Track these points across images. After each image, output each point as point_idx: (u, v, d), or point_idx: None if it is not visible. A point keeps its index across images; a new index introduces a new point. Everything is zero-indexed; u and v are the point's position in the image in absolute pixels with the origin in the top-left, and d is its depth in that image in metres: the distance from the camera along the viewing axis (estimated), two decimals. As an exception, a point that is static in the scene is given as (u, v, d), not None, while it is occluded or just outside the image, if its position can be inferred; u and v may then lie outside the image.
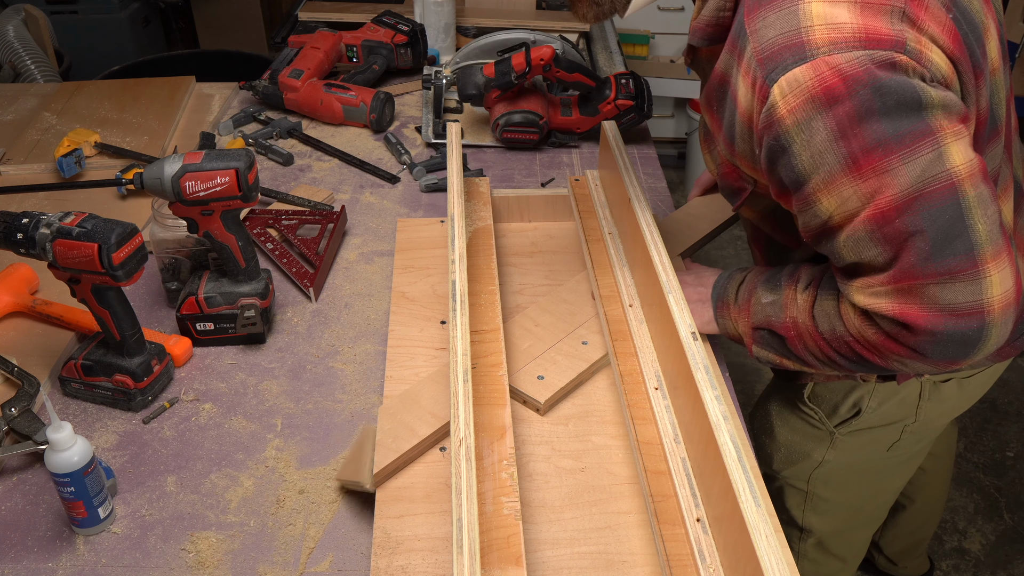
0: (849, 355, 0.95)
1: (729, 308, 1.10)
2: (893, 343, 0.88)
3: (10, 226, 1.06)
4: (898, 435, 1.28)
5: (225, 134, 1.80)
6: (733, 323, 1.10)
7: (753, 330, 1.06)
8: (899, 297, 0.85)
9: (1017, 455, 2.47)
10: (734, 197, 1.07)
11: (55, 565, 0.95)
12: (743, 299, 1.08)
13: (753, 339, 1.07)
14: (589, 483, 1.02)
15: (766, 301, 1.04)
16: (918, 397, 1.22)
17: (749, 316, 1.07)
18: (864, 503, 1.44)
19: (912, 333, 0.85)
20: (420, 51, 2.02)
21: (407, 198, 1.61)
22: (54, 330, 1.26)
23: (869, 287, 0.88)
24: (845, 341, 0.94)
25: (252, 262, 1.24)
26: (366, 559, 0.95)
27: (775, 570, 0.74)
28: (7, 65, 2.41)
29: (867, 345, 0.91)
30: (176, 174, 1.13)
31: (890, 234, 0.83)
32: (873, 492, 1.43)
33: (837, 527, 1.46)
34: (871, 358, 0.93)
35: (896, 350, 0.89)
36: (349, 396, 1.17)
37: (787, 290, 1.02)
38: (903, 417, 1.25)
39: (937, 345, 0.85)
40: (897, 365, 0.92)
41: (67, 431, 0.92)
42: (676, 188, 3.70)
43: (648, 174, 1.69)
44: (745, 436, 1.05)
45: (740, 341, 1.12)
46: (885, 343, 0.89)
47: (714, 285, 1.14)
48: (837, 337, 0.95)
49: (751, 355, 1.09)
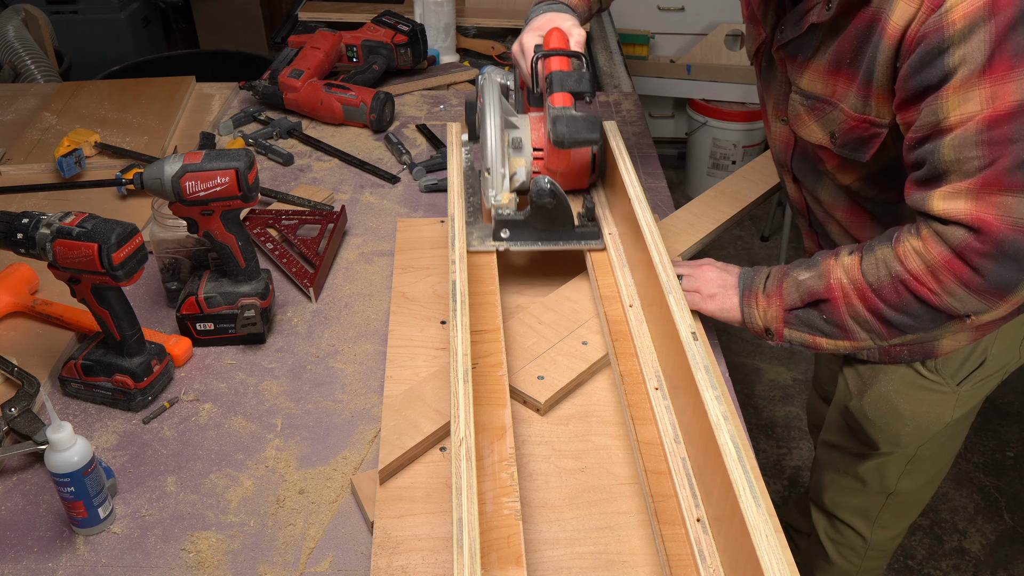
0: (899, 302, 1.01)
1: (757, 297, 1.14)
2: (957, 260, 0.95)
3: (10, 226, 1.06)
4: (1001, 379, 1.35)
5: (225, 134, 1.80)
6: (761, 312, 1.14)
7: (786, 312, 1.11)
8: (978, 202, 0.92)
9: (1017, 455, 2.47)
10: (864, 148, 1.09)
11: (55, 565, 0.95)
12: (772, 287, 1.13)
13: (785, 322, 1.12)
14: (589, 483, 1.02)
15: (803, 278, 1.09)
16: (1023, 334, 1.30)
17: (781, 299, 1.12)
18: (950, 457, 1.49)
19: (981, 242, 0.92)
20: (420, 51, 2.02)
21: (407, 198, 1.61)
22: (54, 330, 1.26)
23: (952, 192, 0.94)
24: (900, 281, 1.00)
25: (252, 262, 1.24)
26: (366, 559, 0.95)
27: (775, 570, 0.74)
28: (7, 65, 2.41)
29: (926, 275, 0.98)
30: (176, 174, 1.13)
31: (995, 137, 0.90)
32: (957, 445, 1.47)
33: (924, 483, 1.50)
34: (925, 294, 0.98)
35: (957, 269, 0.95)
36: (349, 396, 1.17)
37: (826, 261, 1.08)
38: (1007, 360, 1.32)
39: (1000, 263, 0.92)
40: (948, 299, 0.98)
41: (67, 431, 0.92)
42: (676, 188, 3.70)
43: (648, 174, 1.69)
44: (745, 436, 1.04)
45: (762, 334, 1.15)
46: (948, 262, 0.95)
47: (740, 275, 1.18)
48: (891, 281, 1.00)
49: (780, 341, 1.13)
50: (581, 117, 1.20)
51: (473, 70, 2.11)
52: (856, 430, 1.42)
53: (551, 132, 1.19)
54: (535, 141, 1.31)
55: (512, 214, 1.24)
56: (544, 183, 1.19)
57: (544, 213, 1.22)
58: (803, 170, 1.25)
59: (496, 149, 1.23)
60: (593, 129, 1.20)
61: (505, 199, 1.25)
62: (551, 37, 1.28)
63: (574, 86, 1.23)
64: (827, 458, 1.55)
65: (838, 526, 1.60)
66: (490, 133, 1.23)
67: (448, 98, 2.00)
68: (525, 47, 1.32)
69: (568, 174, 1.34)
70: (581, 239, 1.27)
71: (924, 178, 0.98)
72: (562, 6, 1.37)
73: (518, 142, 1.29)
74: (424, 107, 1.95)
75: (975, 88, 0.90)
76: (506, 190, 1.26)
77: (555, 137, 1.19)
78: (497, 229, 1.25)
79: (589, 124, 1.20)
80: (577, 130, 1.19)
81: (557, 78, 1.23)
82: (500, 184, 1.24)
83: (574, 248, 1.27)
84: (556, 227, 1.25)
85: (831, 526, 1.61)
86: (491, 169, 1.23)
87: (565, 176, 1.34)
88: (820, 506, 1.62)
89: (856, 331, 1.07)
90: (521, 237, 1.25)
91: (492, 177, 1.24)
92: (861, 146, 1.09)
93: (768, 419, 2.60)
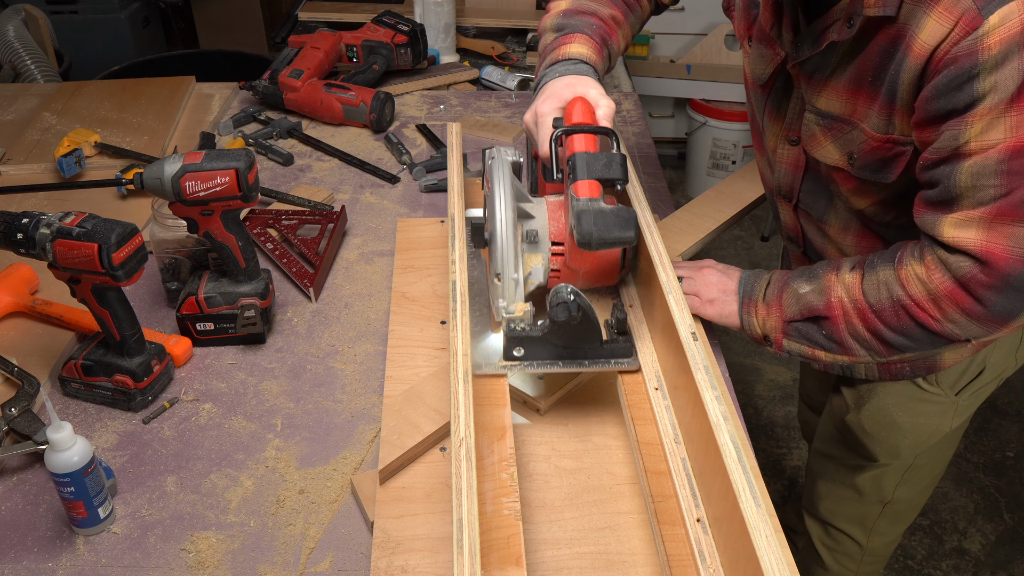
0: (899, 325, 1.00)
1: (756, 305, 1.13)
2: (960, 290, 0.94)
3: (10, 226, 1.06)
4: (996, 388, 1.35)
5: (225, 134, 1.80)
6: (761, 321, 1.13)
7: (785, 323, 1.10)
8: (990, 232, 0.91)
9: (1017, 455, 2.47)
10: (888, 168, 1.06)
11: (55, 565, 0.95)
12: (772, 296, 1.12)
13: (784, 333, 1.11)
14: (589, 483, 1.02)
15: (804, 291, 1.08)
16: (1019, 341, 1.29)
17: (781, 310, 1.10)
18: (946, 461, 1.49)
19: (986, 274, 0.92)
20: (420, 51, 2.02)
21: (407, 198, 1.61)
22: (54, 330, 1.26)
23: (963, 220, 0.93)
24: (901, 305, 0.99)
25: (252, 262, 1.24)
26: (366, 559, 0.95)
27: (775, 570, 0.74)
28: (7, 65, 2.41)
29: (927, 302, 0.97)
30: (176, 174, 1.13)
31: (1016, 168, 0.89)
32: (953, 448, 1.47)
33: (920, 490, 1.50)
34: (925, 320, 0.98)
35: (960, 299, 0.94)
36: (349, 396, 1.17)
37: (827, 276, 1.07)
38: (1005, 367, 1.31)
39: (1004, 294, 0.91)
40: (949, 326, 0.97)
41: (67, 431, 0.92)
42: (676, 188, 3.70)
43: (648, 174, 1.69)
44: (745, 436, 1.04)
45: (761, 341, 1.14)
46: (951, 291, 0.95)
47: (740, 280, 1.17)
48: (892, 304, 1.00)
49: (779, 350, 1.12)
50: (611, 212, 0.98)
51: (474, 70, 2.11)
52: (853, 443, 1.42)
53: (575, 230, 0.98)
54: (554, 233, 1.10)
55: (527, 328, 1.05)
56: (566, 294, 1.01)
57: (566, 329, 1.03)
58: (812, 194, 1.20)
59: (508, 252, 1.04)
60: (626, 226, 0.98)
61: (519, 311, 1.06)
62: (574, 109, 1.08)
63: (603, 172, 1.01)
64: (821, 468, 1.54)
65: (833, 533, 1.59)
66: (501, 231, 1.04)
67: (448, 98, 2.00)
68: (541, 118, 1.11)
69: (593, 272, 1.13)
70: (610, 358, 1.07)
71: (936, 199, 0.96)
72: (583, 66, 1.16)
73: (533, 235, 1.09)
74: (424, 107, 1.95)
75: (1002, 116, 0.88)
76: (520, 299, 1.07)
77: (580, 237, 0.97)
78: (509, 346, 1.05)
79: (621, 220, 0.98)
80: (607, 228, 0.97)
81: (582, 162, 1.02)
82: (513, 292, 1.06)
83: (602, 370, 1.08)
84: (580, 344, 1.06)
85: (826, 534, 1.61)
86: (502, 275, 1.05)
87: (590, 275, 1.14)
88: (814, 514, 1.61)
89: (855, 348, 1.07)
90: (538, 355, 1.06)
91: (503, 284, 1.05)
92: (884, 167, 1.06)
93: (768, 419, 2.60)
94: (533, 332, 1.05)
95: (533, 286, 1.09)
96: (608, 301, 1.19)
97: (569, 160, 1.03)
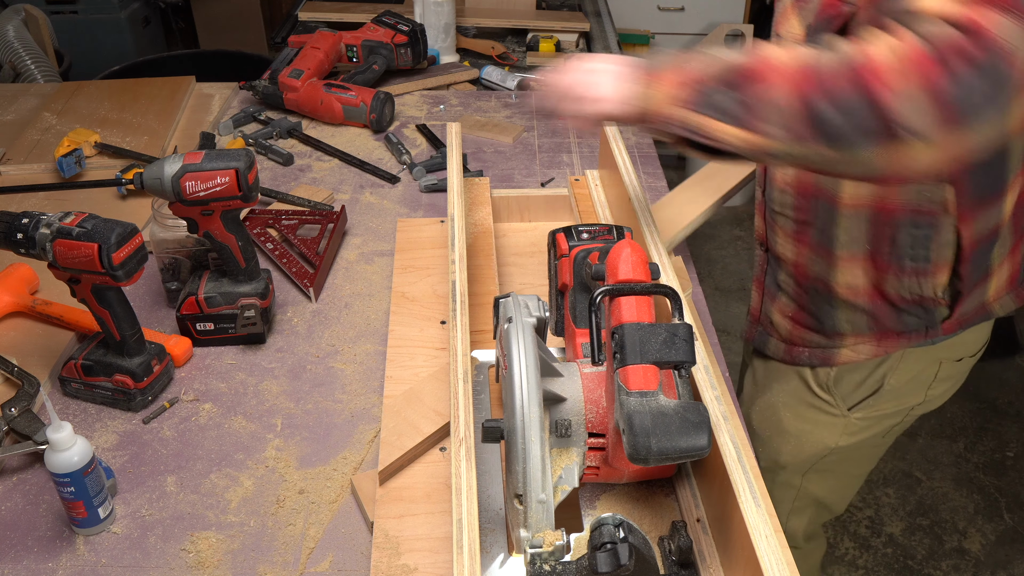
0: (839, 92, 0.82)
1: (659, 73, 0.91)
2: (932, 61, 0.78)
3: (10, 226, 1.06)
4: (901, 418, 1.31)
5: (225, 134, 1.80)
6: (665, 89, 0.90)
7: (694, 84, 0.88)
8: (973, 9, 0.78)
9: (1017, 455, 2.47)
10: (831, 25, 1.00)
11: (55, 565, 0.95)
12: (679, 61, 0.91)
13: (684, 101, 0.87)
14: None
15: (724, 56, 0.89)
16: (933, 377, 1.25)
17: (696, 73, 0.88)
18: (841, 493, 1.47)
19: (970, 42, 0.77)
20: (420, 51, 2.02)
21: (407, 198, 1.61)
22: (54, 330, 1.26)
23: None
24: (856, 70, 0.81)
25: (252, 262, 1.24)
26: (366, 559, 0.95)
27: (775, 570, 0.74)
28: (7, 65, 2.41)
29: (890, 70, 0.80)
30: (176, 174, 1.13)
31: None
32: (851, 480, 1.45)
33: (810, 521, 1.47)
34: (877, 87, 0.80)
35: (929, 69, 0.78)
36: (349, 396, 1.17)
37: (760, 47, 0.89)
38: (913, 399, 1.28)
39: (979, 72, 0.77)
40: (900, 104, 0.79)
41: (67, 431, 0.92)
42: (676, 188, 3.70)
43: (648, 174, 1.69)
44: (745, 436, 1.04)
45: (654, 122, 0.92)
46: (923, 58, 0.78)
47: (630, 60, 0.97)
48: (846, 69, 0.82)
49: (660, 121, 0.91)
50: (675, 412, 0.76)
51: (474, 70, 2.11)
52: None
53: (624, 438, 0.76)
54: (592, 422, 0.85)
55: (556, 566, 0.78)
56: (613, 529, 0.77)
57: None
58: None
59: (535, 469, 0.78)
60: (696, 432, 0.76)
61: (547, 543, 0.79)
62: (619, 257, 0.85)
63: (661, 353, 0.79)
64: None
65: None
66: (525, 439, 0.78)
67: (448, 98, 2.00)
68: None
69: (643, 472, 0.90)
70: None
71: None
72: None
73: (565, 426, 0.84)
74: (424, 107, 1.95)
75: None
76: (549, 525, 0.79)
77: (632, 451, 0.75)
78: None
79: (689, 425, 0.75)
80: (668, 435, 0.75)
81: (633, 339, 0.79)
82: (541, 518, 0.79)
83: None
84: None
85: None
86: (525, 497, 0.79)
87: (639, 473, 0.90)
88: None
89: (768, 118, 0.84)
90: None
91: (526, 508, 0.79)
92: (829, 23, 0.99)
93: (768, 419, 2.60)
94: (567, 570, 0.78)
95: (564, 494, 0.83)
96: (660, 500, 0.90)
97: (614, 333, 0.81)
